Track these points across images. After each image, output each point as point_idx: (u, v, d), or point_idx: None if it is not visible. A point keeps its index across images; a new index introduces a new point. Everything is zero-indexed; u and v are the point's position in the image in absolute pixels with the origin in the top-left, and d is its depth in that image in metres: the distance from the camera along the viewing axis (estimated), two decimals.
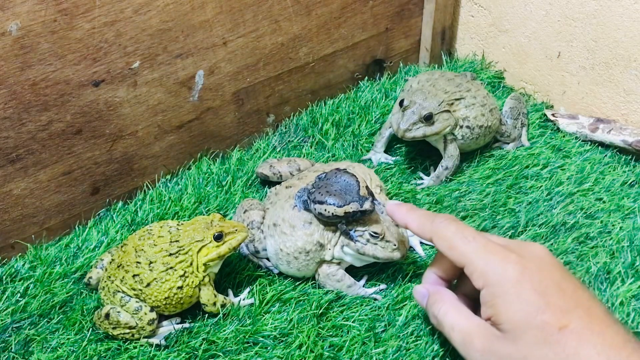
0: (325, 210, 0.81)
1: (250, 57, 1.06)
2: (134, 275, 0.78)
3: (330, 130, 1.15)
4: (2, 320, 0.84)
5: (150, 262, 0.78)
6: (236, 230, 0.81)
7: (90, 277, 0.86)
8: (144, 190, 1.05)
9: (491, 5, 1.23)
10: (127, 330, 0.79)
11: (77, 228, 0.99)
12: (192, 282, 0.79)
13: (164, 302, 0.79)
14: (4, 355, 0.79)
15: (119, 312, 0.78)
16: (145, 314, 0.78)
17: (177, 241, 0.80)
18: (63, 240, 0.97)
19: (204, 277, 0.80)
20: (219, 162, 1.10)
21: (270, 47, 1.08)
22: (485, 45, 1.30)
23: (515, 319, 0.59)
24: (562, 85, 1.18)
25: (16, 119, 0.86)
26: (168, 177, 1.07)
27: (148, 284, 0.78)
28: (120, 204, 1.03)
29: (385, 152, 1.11)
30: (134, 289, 0.78)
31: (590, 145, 1.10)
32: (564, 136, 1.13)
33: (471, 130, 1.03)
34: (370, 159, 1.10)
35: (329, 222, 0.83)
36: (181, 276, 0.78)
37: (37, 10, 0.81)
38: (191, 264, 0.79)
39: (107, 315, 0.78)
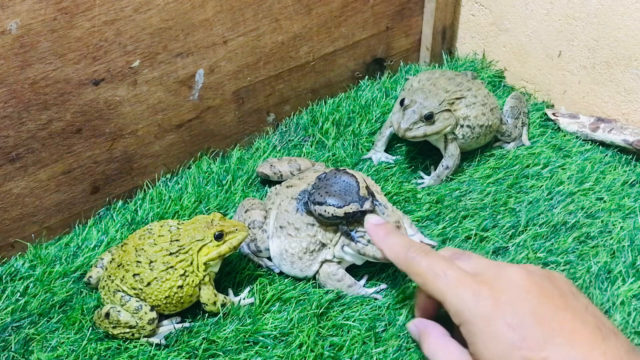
0: (325, 211, 0.81)
1: (250, 56, 1.06)
2: (134, 275, 0.78)
3: (331, 130, 1.14)
4: (2, 319, 0.84)
5: (151, 262, 0.78)
6: (236, 229, 0.81)
7: (90, 277, 0.86)
8: (144, 190, 1.05)
9: (492, 4, 1.23)
10: (127, 330, 0.78)
11: (77, 227, 0.99)
12: (193, 281, 0.79)
13: (164, 301, 0.78)
14: (4, 355, 0.79)
15: (119, 311, 0.78)
16: (146, 313, 0.78)
17: (177, 240, 0.79)
18: (63, 240, 0.97)
19: (204, 276, 0.80)
20: (219, 161, 1.10)
21: (270, 46, 1.08)
22: (485, 44, 1.29)
23: (494, 359, 0.57)
24: (562, 85, 1.17)
25: (16, 118, 0.86)
26: (168, 176, 1.07)
27: (148, 283, 0.78)
28: (120, 203, 1.02)
29: (386, 151, 1.11)
30: (134, 288, 0.78)
31: (590, 144, 1.10)
32: (564, 135, 1.12)
33: (472, 130, 1.03)
34: (370, 158, 1.10)
35: (330, 223, 0.83)
36: (181, 275, 0.78)
37: (37, 9, 0.80)
38: (191, 263, 0.79)
39: (107, 315, 0.78)
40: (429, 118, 0.97)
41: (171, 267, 0.78)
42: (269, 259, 0.90)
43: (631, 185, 1.01)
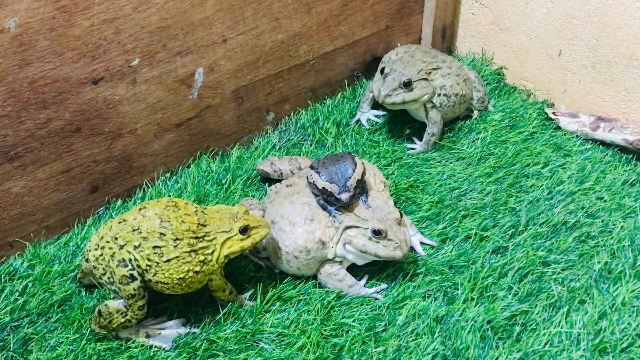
0: (311, 175, 0.85)
1: (250, 54, 1.05)
2: (154, 247, 0.76)
3: (331, 129, 1.14)
4: (0, 319, 0.83)
5: (177, 239, 0.76)
6: (260, 225, 0.81)
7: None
8: (143, 189, 1.04)
9: (492, 3, 1.23)
10: (122, 318, 0.78)
11: (76, 226, 0.99)
12: (208, 269, 0.79)
13: (176, 281, 0.77)
14: (3, 354, 0.79)
15: (106, 304, 0.77)
16: (136, 301, 0.77)
17: (204, 225, 0.78)
18: (62, 239, 0.97)
19: (219, 267, 0.80)
20: (219, 160, 1.10)
21: (270, 45, 1.07)
22: (486, 43, 1.29)
23: None
24: (563, 84, 1.17)
25: (15, 117, 0.86)
26: (167, 175, 1.06)
27: (168, 260, 0.76)
28: (119, 202, 1.02)
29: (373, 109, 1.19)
30: (149, 260, 0.76)
31: (591, 143, 1.09)
32: (564, 135, 1.12)
33: (448, 98, 1.09)
34: (359, 120, 1.17)
35: (311, 190, 0.87)
36: (201, 261, 0.78)
37: (35, 7, 0.80)
38: (212, 252, 0.78)
39: (100, 312, 0.78)
40: (407, 85, 1.03)
41: (194, 250, 0.77)
42: (269, 259, 0.89)
43: (631, 184, 1.01)
